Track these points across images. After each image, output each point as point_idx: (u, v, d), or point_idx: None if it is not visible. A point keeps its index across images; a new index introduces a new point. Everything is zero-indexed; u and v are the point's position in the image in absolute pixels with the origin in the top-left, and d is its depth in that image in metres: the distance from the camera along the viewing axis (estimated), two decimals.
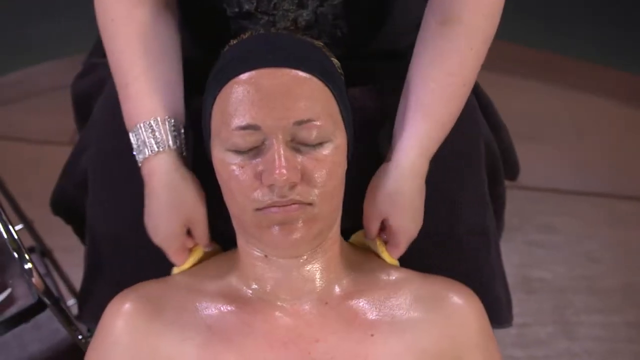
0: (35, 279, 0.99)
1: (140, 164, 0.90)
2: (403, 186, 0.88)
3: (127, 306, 0.86)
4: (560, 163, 1.92)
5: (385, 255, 0.91)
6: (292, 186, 0.77)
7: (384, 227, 0.90)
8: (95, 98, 1.12)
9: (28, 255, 0.98)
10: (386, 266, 0.91)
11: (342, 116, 0.83)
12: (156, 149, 0.88)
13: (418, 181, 0.89)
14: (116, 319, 0.86)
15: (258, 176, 0.78)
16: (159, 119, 0.89)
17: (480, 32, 0.89)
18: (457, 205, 0.98)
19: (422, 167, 0.89)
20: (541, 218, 1.79)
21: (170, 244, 0.90)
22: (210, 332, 0.83)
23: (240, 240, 0.87)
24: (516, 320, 1.05)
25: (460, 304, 0.86)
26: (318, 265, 0.85)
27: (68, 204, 1.17)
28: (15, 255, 0.98)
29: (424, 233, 0.95)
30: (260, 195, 0.78)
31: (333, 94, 0.82)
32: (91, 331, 1.13)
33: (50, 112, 2.07)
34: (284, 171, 0.75)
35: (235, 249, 0.90)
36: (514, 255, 1.69)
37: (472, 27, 0.88)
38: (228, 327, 0.83)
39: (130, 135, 0.90)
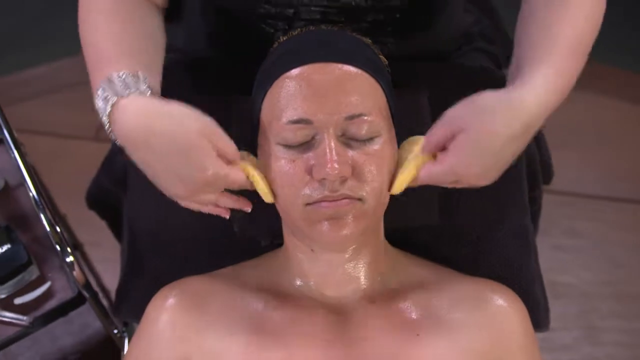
0: (76, 272, 0.99)
1: (107, 123, 0.76)
2: (501, 109, 0.75)
3: (171, 301, 0.86)
4: (586, 168, 1.92)
5: (409, 170, 0.80)
6: (343, 181, 0.77)
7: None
8: None
9: (70, 248, 0.98)
10: (429, 266, 0.91)
11: (391, 112, 0.83)
12: (124, 94, 0.75)
13: (523, 125, 0.76)
14: (160, 313, 0.86)
15: (308, 170, 0.78)
16: (128, 71, 0.77)
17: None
18: (499, 207, 0.98)
19: (542, 110, 0.77)
20: (566, 222, 1.78)
21: (205, 163, 0.74)
22: (255, 327, 0.83)
23: (287, 235, 0.87)
24: None
25: (505, 306, 0.86)
26: (363, 263, 0.85)
27: (104, 199, 1.17)
28: (58, 248, 0.98)
29: (463, 234, 0.95)
30: (311, 189, 0.78)
31: (383, 89, 0.82)
32: (127, 326, 1.14)
33: (74, 106, 2.06)
34: (336, 165, 0.75)
35: (279, 247, 0.91)
36: (540, 260, 1.68)
37: None
38: (273, 323, 0.83)
39: (96, 98, 0.77)
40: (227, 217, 0.82)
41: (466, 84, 0.97)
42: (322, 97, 0.78)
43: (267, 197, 0.81)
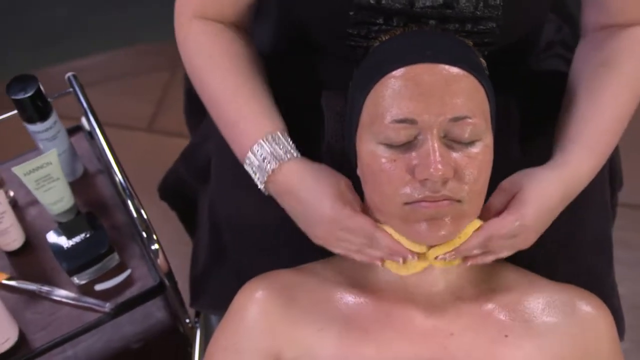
0: (160, 260, 0.99)
1: (264, 181, 0.88)
2: (553, 179, 0.85)
3: (260, 293, 0.86)
4: (637, 178, 1.90)
5: (468, 229, 0.82)
6: (444, 182, 0.77)
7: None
8: None
9: (156, 236, 0.99)
10: (515, 269, 0.91)
11: (492, 116, 0.83)
12: (285, 158, 0.87)
13: (566, 196, 0.86)
14: (250, 305, 0.86)
15: (410, 170, 0.78)
16: (278, 133, 0.89)
17: None
18: (581, 213, 0.97)
19: (582, 186, 0.88)
20: (618, 234, 1.76)
21: (341, 212, 0.83)
22: (347, 322, 0.83)
23: None
24: None
25: (593, 314, 0.86)
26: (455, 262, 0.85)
27: (179, 190, 1.18)
28: (144, 234, 0.98)
29: (547, 239, 0.94)
30: (411, 189, 0.78)
31: (486, 92, 0.82)
32: (200, 317, 1.14)
33: (128, 97, 2.08)
34: (440, 166, 0.75)
35: None
36: None
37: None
38: (364, 318, 0.84)
39: (248, 160, 0.88)
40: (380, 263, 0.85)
41: (550, 89, 0.98)
42: (428, 98, 0.78)
43: (420, 247, 0.83)
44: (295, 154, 0.87)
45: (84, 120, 1.19)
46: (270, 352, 0.84)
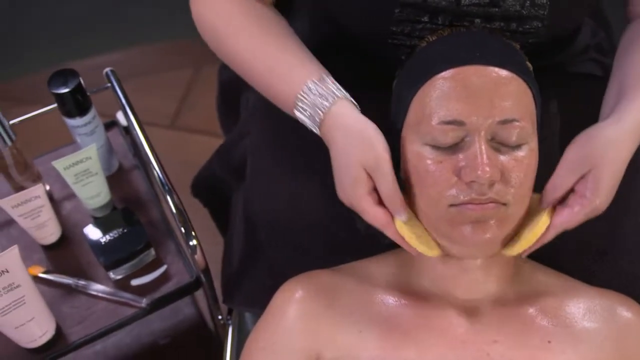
0: (198, 256, 0.99)
1: (318, 128, 0.85)
2: (623, 139, 0.80)
3: (300, 293, 0.86)
4: None
5: (541, 224, 0.81)
6: (491, 184, 0.76)
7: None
8: (242, 87, 1.13)
9: (194, 232, 0.99)
10: (555, 274, 0.90)
11: (537, 120, 0.83)
12: (330, 101, 0.83)
13: (632, 148, 0.82)
14: (289, 305, 0.86)
15: (457, 172, 0.77)
16: (323, 75, 0.85)
17: None
18: (620, 216, 0.97)
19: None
20: None
21: (355, 192, 0.81)
22: (387, 324, 0.83)
23: None
24: None
25: (634, 319, 0.85)
26: (496, 267, 0.84)
27: (213, 187, 1.18)
28: (183, 230, 0.98)
29: (584, 243, 0.94)
30: (457, 191, 0.77)
31: (533, 96, 0.82)
32: (232, 314, 1.14)
33: (151, 94, 2.08)
34: (487, 169, 0.75)
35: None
36: None
37: None
38: (405, 321, 0.83)
39: (297, 108, 0.85)
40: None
41: (586, 91, 0.97)
42: (477, 100, 0.77)
43: (432, 252, 0.82)
44: (337, 95, 0.84)
45: (118, 116, 1.19)
46: (310, 353, 0.84)
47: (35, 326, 0.94)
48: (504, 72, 0.79)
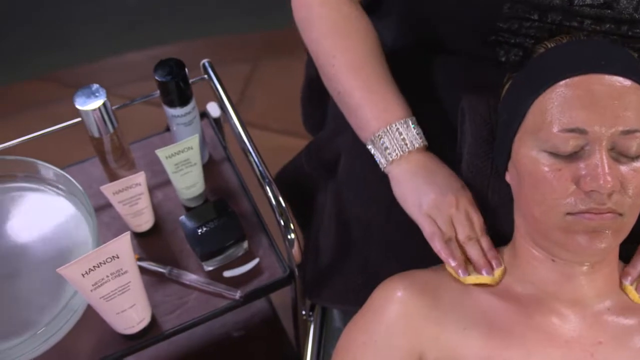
0: (295, 250, 0.99)
1: (386, 165, 0.94)
2: None
3: (401, 292, 0.86)
4: None
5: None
6: (610, 194, 0.77)
7: None
8: None
9: (294, 225, 0.99)
10: None
11: None
12: (408, 149, 0.93)
13: None
14: (390, 304, 0.86)
15: (575, 180, 0.77)
16: (408, 119, 0.93)
17: None
18: None
19: None
20: None
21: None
22: (489, 324, 0.83)
23: (523, 242, 0.86)
24: None
25: None
26: (602, 273, 0.84)
27: (297, 182, 1.18)
28: (282, 222, 0.98)
29: None
30: (575, 200, 0.77)
31: None
32: (315, 310, 1.14)
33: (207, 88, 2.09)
34: (609, 179, 0.75)
35: (503, 247, 0.91)
36: None
37: None
38: (508, 321, 0.83)
39: (373, 140, 0.94)
40: (452, 264, 0.88)
41: None
42: (601, 109, 0.77)
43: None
44: (418, 144, 0.93)
45: (208, 107, 1.19)
46: (413, 352, 0.84)
47: (134, 313, 0.94)
48: (628, 82, 0.79)
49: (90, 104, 0.97)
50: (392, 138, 0.92)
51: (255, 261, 1.05)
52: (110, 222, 1.09)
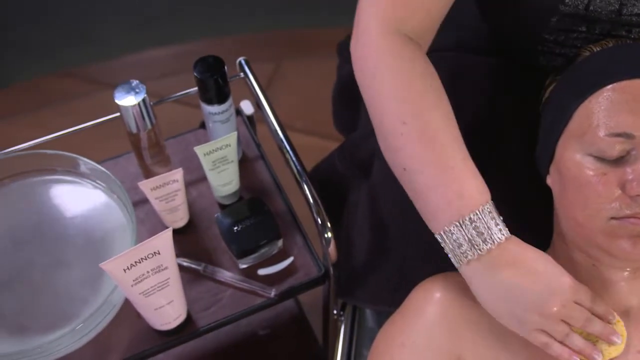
0: (331, 249, 0.99)
1: (460, 265, 0.80)
2: None
3: (440, 293, 0.86)
4: None
5: None
6: None
7: None
8: None
9: (330, 224, 0.99)
10: None
11: None
12: (487, 246, 0.77)
13: None
14: (428, 305, 0.86)
15: (621, 185, 0.77)
16: (485, 207, 0.78)
17: None
18: None
19: None
20: None
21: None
22: None
23: (562, 247, 0.87)
24: None
25: None
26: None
27: (330, 180, 1.18)
28: (319, 221, 0.98)
29: None
30: (621, 204, 0.77)
31: None
32: (346, 310, 1.14)
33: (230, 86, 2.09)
34: None
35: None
36: None
37: None
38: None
39: (443, 235, 0.80)
40: None
41: None
42: None
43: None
44: (502, 237, 0.78)
45: (242, 105, 1.20)
46: (451, 354, 0.84)
47: (171, 309, 0.94)
48: None
49: (129, 98, 0.97)
50: (467, 233, 0.78)
51: (290, 260, 1.05)
52: (144, 218, 1.09)
